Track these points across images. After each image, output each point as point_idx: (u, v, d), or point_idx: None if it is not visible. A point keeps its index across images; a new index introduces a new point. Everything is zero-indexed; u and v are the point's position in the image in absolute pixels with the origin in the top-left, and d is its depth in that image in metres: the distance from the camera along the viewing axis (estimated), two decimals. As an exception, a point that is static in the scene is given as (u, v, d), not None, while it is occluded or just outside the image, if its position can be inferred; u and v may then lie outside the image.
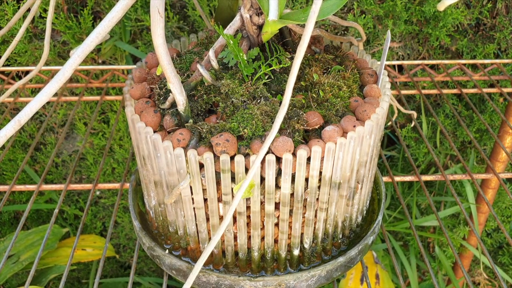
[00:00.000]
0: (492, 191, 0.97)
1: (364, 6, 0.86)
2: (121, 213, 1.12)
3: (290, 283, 0.43)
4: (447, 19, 0.86)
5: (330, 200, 0.41)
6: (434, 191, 1.09)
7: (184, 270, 0.44)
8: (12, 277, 1.06)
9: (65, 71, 0.29)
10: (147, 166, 0.41)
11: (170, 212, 0.42)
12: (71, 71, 0.30)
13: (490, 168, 0.74)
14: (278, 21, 0.38)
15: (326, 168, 0.37)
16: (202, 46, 0.48)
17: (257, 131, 0.37)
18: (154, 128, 0.39)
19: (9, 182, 1.08)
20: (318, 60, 0.45)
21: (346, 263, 0.45)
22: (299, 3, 0.87)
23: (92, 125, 0.74)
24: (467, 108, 1.02)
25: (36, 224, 1.14)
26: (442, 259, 1.00)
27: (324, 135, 0.37)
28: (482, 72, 0.87)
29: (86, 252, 0.93)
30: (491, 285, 1.16)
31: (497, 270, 0.53)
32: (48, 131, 1.04)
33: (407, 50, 0.96)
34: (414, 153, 1.05)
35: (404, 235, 1.12)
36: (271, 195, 0.38)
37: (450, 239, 0.60)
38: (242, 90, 0.39)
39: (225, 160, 0.35)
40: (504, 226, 0.92)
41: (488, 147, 1.05)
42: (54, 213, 0.59)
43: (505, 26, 0.91)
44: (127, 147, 1.03)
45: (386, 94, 0.42)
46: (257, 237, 0.41)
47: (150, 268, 1.21)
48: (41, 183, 0.64)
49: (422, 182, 0.63)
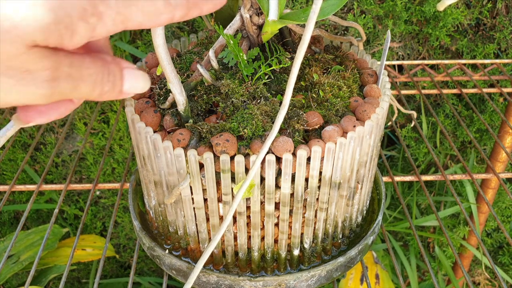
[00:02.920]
0: (492, 191, 0.97)
1: (364, 6, 0.86)
2: (121, 213, 1.12)
3: (290, 283, 0.43)
4: (447, 19, 0.86)
5: (330, 200, 0.41)
6: (434, 191, 1.09)
7: (184, 270, 0.44)
8: (12, 277, 1.06)
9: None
10: (147, 166, 0.41)
11: (170, 212, 0.42)
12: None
13: (490, 168, 0.74)
14: (278, 21, 0.38)
15: (326, 168, 0.37)
16: (202, 46, 0.48)
17: (257, 131, 0.37)
18: (154, 128, 0.39)
19: (9, 182, 1.08)
20: (318, 60, 0.45)
21: (346, 263, 0.45)
22: (299, 3, 0.87)
23: (92, 125, 0.74)
24: (467, 108, 1.02)
25: (36, 224, 1.14)
26: (442, 259, 1.00)
27: (324, 135, 0.37)
28: (482, 72, 0.87)
29: (86, 252, 0.93)
30: (491, 285, 1.16)
31: (497, 270, 0.53)
32: (48, 131, 1.04)
33: (407, 50, 0.96)
34: (414, 153, 1.05)
35: (404, 235, 1.12)
36: (271, 195, 0.38)
37: (450, 239, 0.60)
38: (242, 90, 0.39)
39: (225, 160, 0.35)
40: (504, 226, 0.92)
41: (488, 147, 1.05)
42: (54, 213, 0.59)
43: (505, 26, 0.91)
44: (127, 147, 1.03)
45: (386, 94, 0.42)
46: (257, 237, 0.41)
47: (150, 268, 1.21)
48: (41, 183, 0.64)
49: (422, 182, 0.63)
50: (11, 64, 0.21)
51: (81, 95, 0.25)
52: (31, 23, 0.20)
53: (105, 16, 0.22)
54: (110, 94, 0.26)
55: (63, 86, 0.23)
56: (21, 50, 0.21)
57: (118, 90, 0.27)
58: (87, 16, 0.22)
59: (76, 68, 0.23)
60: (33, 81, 0.22)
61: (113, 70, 0.26)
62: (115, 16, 0.23)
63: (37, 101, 0.23)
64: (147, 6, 0.24)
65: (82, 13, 0.21)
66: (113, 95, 0.27)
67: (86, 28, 0.22)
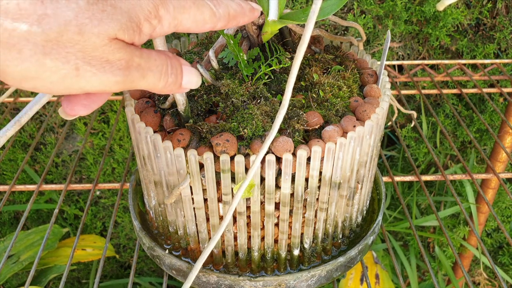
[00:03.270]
0: (492, 191, 0.97)
1: (364, 6, 0.86)
2: (121, 213, 1.12)
3: (290, 283, 0.43)
4: (447, 19, 0.86)
5: (330, 200, 0.41)
6: (434, 191, 1.09)
7: (184, 270, 0.44)
8: (12, 277, 1.06)
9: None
10: (147, 166, 0.41)
11: (170, 212, 0.42)
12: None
13: (490, 168, 0.74)
14: (278, 21, 0.38)
15: (326, 168, 0.37)
16: (202, 46, 0.48)
17: (257, 131, 0.37)
18: (154, 128, 0.39)
19: (9, 182, 1.08)
20: (318, 60, 0.45)
21: (346, 263, 0.45)
22: (299, 3, 0.87)
23: (92, 125, 0.74)
24: (467, 108, 1.02)
25: (36, 224, 1.14)
26: (442, 259, 1.00)
27: (324, 135, 0.37)
28: (482, 72, 0.87)
29: (86, 252, 0.93)
30: (491, 285, 1.16)
31: (497, 270, 0.53)
32: (48, 131, 1.04)
33: (407, 50, 0.96)
34: (414, 153, 1.05)
35: (404, 235, 1.12)
36: (271, 195, 0.38)
37: (450, 239, 0.60)
38: (242, 90, 0.39)
39: (225, 160, 0.35)
40: (504, 226, 0.92)
41: (488, 147, 1.05)
42: (54, 213, 0.59)
43: (505, 26, 0.91)
44: (127, 147, 1.03)
45: (386, 94, 0.42)
46: (257, 237, 0.41)
47: (150, 268, 1.21)
48: (41, 183, 0.64)
49: (422, 182, 0.63)
50: (95, 54, 0.25)
51: (148, 85, 0.28)
52: (113, 20, 0.25)
53: (163, 20, 0.27)
54: (173, 87, 0.30)
55: (133, 75, 0.27)
56: (104, 42, 0.25)
57: (179, 83, 0.30)
58: (150, 18, 0.26)
59: (144, 59, 0.27)
60: (110, 69, 0.25)
61: (175, 64, 0.30)
62: (171, 20, 0.28)
63: (112, 88, 0.26)
64: (197, 15, 0.29)
65: (147, 15, 0.26)
66: (175, 88, 0.30)
67: (149, 27, 0.27)
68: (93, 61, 0.25)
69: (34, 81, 0.24)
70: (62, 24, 0.23)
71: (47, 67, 0.24)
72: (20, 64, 0.23)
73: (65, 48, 0.24)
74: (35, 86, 0.25)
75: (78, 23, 0.24)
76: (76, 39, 0.24)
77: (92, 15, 0.24)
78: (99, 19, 0.24)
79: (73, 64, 0.24)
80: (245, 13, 0.32)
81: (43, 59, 0.24)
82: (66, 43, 0.24)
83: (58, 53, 0.24)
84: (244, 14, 0.32)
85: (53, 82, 0.25)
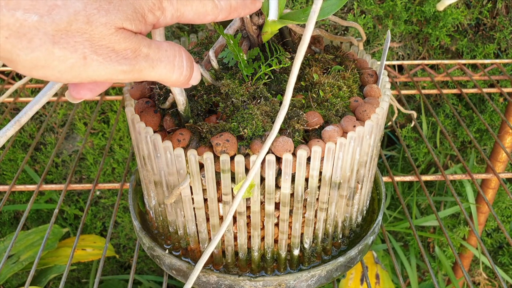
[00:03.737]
0: (492, 191, 0.97)
1: (364, 6, 0.86)
2: (121, 213, 1.12)
3: (290, 283, 0.43)
4: (447, 19, 0.86)
5: (330, 200, 0.41)
6: (434, 191, 1.09)
7: (184, 270, 0.44)
8: (12, 277, 1.06)
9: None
10: (147, 166, 0.41)
11: (170, 212, 0.42)
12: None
13: (490, 168, 0.74)
14: (278, 21, 0.38)
15: (326, 168, 0.37)
16: (202, 46, 0.48)
17: (257, 131, 0.37)
18: (154, 128, 0.39)
19: (9, 182, 1.08)
20: (318, 60, 0.45)
21: (346, 263, 0.45)
22: (299, 3, 0.87)
23: (92, 125, 0.74)
24: (467, 108, 1.02)
25: (36, 224, 1.14)
26: (442, 259, 1.00)
27: (324, 135, 0.37)
28: (482, 72, 0.87)
29: (86, 252, 0.93)
30: (491, 285, 1.16)
31: (497, 270, 0.53)
32: (48, 131, 1.04)
33: (407, 50, 0.96)
34: (414, 153, 1.05)
35: (404, 235, 1.12)
36: (271, 195, 0.38)
37: (450, 239, 0.60)
38: (242, 90, 0.38)
39: (225, 160, 0.35)
40: (504, 226, 0.92)
41: (488, 147, 1.05)
42: (54, 213, 0.59)
43: (505, 26, 0.91)
44: (127, 147, 1.03)
45: (386, 94, 0.42)
46: (257, 237, 0.41)
47: (150, 268, 1.21)
48: (41, 183, 0.64)
49: (422, 182, 0.63)
50: (102, 43, 0.26)
51: (160, 76, 0.29)
52: (120, 11, 0.26)
53: (166, 11, 0.28)
54: (185, 81, 0.31)
55: (141, 65, 0.28)
56: (111, 31, 0.26)
57: (193, 77, 0.31)
58: (154, 10, 0.28)
59: (154, 50, 0.28)
60: (116, 58, 0.26)
61: (189, 57, 0.31)
62: (174, 12, 0.29)
63: (119, 77, 0.27)
64: (200, 8, 0.30)
65: (151, 7, 0.27)
66: (186, 82, 0.31)
67: (152, 18, 0.28)
68: (100, 50, 0.26)
69: (44, 70, 0.25)
70: (72, 13, 0.24)
71: (56, 56, 0.25)
72: (30, 53, 0.24)
73: (74, 37, 0.25)
74: (45, 75, 0.26)
75: (87, 13, 0.25)
76: (84, 28, 0.25)
77: (100, 6, 0.25)
78: (106, 10, 0.25)
79: (80, 53, 0.25)
80: (247, 5, 0.33)
81: (52, 48, 0.24)
82: (74, 32, 0.25)
83: (66, 42, 0.25)
84: (245, 6, 0.33)
85: (61, 71, 0.26)
